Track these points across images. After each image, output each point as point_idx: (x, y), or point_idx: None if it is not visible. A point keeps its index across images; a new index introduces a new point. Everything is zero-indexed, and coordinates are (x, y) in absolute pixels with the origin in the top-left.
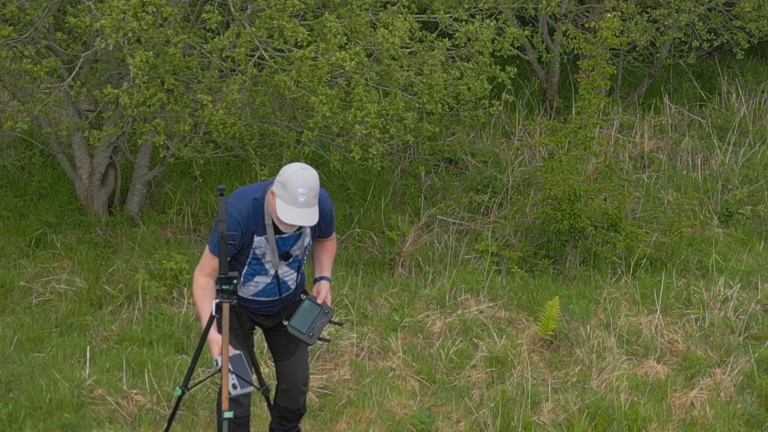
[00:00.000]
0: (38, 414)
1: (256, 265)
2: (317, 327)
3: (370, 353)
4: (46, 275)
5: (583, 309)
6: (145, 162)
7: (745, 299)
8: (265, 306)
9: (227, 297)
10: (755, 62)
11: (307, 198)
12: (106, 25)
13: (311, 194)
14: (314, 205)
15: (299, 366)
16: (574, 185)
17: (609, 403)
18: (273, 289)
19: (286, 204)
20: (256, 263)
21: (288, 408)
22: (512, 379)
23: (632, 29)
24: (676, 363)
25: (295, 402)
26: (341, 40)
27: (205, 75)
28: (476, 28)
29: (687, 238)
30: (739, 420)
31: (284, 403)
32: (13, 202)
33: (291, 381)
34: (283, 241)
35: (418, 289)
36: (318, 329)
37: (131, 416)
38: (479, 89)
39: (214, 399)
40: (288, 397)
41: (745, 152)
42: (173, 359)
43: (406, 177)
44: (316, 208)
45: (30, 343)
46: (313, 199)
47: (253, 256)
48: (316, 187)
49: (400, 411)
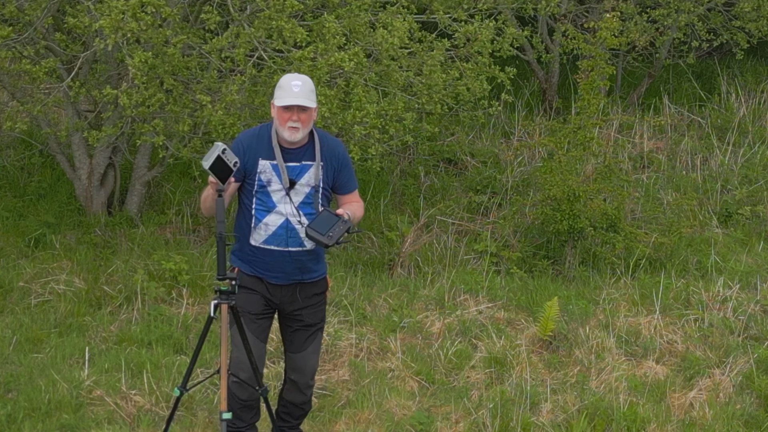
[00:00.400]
0: (37, 415)
1: (262, 195)
2: (336, 231)
3: (369, 354)
4: (45, 276)
5: (582, 309)
6: (144, 162)
7: (744, 300)
8: (277, 263)
9: (225, 298)
10: (755, 62)
11: (301, 89)
12: (105, 26)
13: (306, 87)
14: (310, 97)
15: (311, 358)
16: (574, 186)
17: (608, 403)
18: (283, 235)
19: (282, 95)
20: (262, 192)
21: (293, 401)
22: (511, 379)
23: (632, 29)
24: (675, 363)
25: (302, 395)
26: (340, 41)
27: (205, 75)
28: (475, 29)
29: (686, 238)
30: (738, 421)
31: (290, 396)
32: (13, 202)
33: (300, 373)
34: (290, 169)
35: (417, 290)
36: (336, 234)
37: (130, 417)
38: (478, 90)
39: (213, 400)
40: (295, 389)
41: (744, 152)
42: (172, 360)
43: (405, 177)
44: (313, 101)
45: (29, 344)
46: (309, 93)
47: (258, 183)
48: (309, 83)
49: (399, 412)
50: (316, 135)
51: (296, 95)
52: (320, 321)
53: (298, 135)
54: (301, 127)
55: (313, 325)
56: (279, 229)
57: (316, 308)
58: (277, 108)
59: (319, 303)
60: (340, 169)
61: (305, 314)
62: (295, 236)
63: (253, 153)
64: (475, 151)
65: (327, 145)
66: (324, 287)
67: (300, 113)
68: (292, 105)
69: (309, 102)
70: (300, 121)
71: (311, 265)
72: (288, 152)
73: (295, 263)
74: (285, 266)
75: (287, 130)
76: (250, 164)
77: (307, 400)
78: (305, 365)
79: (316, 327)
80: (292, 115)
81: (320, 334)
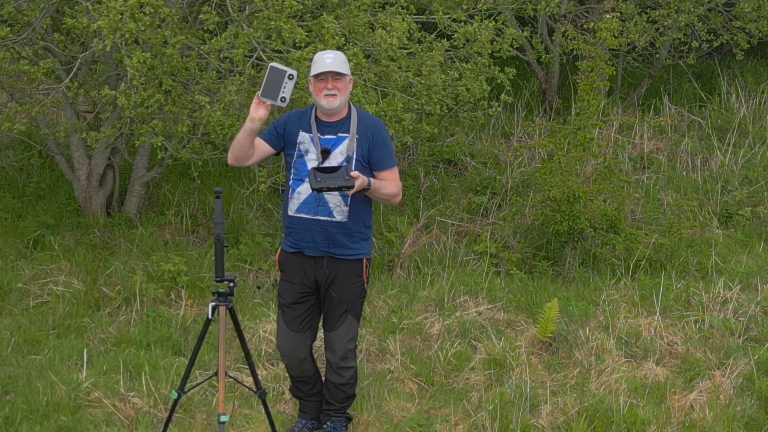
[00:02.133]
0: (35, 417)
1: (299, 165)
2: (330, 181)
3: (369, 355)
4: (44, 277)
5: (582, 311)
6: (143, 163)
7: (744, 301)
8: (307, 231)
9: (223, 300)
10: (755, 63)
11: (334, 60)
12: (104, 26)
13: (338, 58)
14: (343, 67)
15: (341, 338)
16: (574, 186)
17: (608, 405)
18: (312, 203)
19: (316, 67)
20: (299, 162)
21: (332, 381)
22: (511, 381)
23: (631, 30)
24: (675, 365)
25: (337, 375)
26: (339, 41)
27: (203, 76)
28: (475, 29)
29: (686, 239)
30: (738, 422)
31: (328, 375)
32: (11, 203)
33: (332, 352)
34: (325, 141)
35: (416, 291)
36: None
37: (128, 419)
38: (478, 90)
39: (211, 402)
40: (330, 369)
41: (744, 153)
42: (171, 361)
43: (405, 178)
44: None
45: (27, 345)
46: (341, 63)
47: (297, 153)
48: (341, 55)
49: (399, 413)
50: (354, 109)
51: (329, 65)
52: (352, 302)
53: (335, 102)
54: (338, 94)
55: (343, 302)
56: (309, 197)
57: (348, 287)
58: (312, 80)
59: (352, 283)
60: (375, 145)
61: (335, 290)
62: (324, 205)
63: (295, 126)
64: (474, 151)
65: (364, 120)
66: (359, 270)
67: (334, 81)
68: (325, 72)
69: (342, 68)
70: (336, 89)
71: (342, 239)
72: (325, 125)
73: (323, 233)
74: (315, 235)
75: (324, 99)
76: (291, 135)
77: (346, 382)
78: (335, 344)
79: (346, 307)
80: (326, 83)
81: (352, 317)
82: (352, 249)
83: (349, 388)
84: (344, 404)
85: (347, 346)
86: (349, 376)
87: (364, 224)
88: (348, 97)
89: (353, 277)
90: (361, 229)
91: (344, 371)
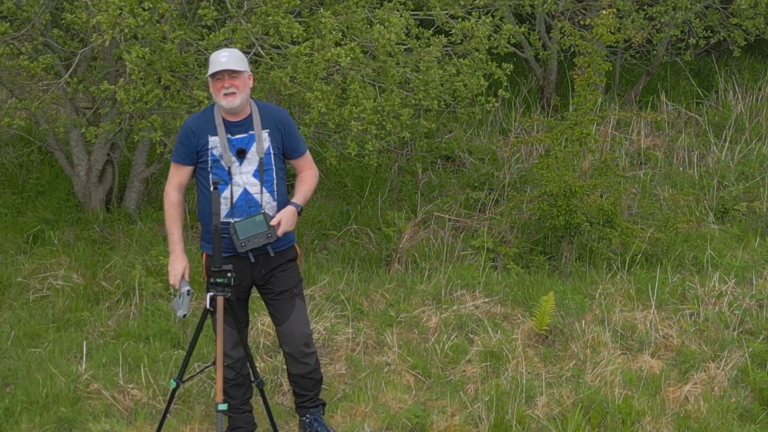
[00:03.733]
0: (35, 408)
1: (217, 170)
2: (252, 242)
3: (366, 348)
4: (44, 271)
5: (578, 304)
6: (142, 159)
7: (739, 294)
8: None
9: (221, 290)
10: (752, 60)
11: (228, 58)
12: (103, 21)
13: (233, 56)
14: (238, 64)
15: (297, 325)
16: (570, 181)
17: (603, 397)
18: (243, 206)
19: (211, 67)
20: (216, 167)
21: (297, 373)
22: (507, 373)
23: (629, 26)
24: (670, 357)
25: (302, 365)
26: (337, 36)
27: (202, 71)
28: (472, 25)
29: (682, 234)
30: (732, 414)
31: (292, 369)
32: (11, 199)
33: (292, 343)
34: (237, 141)
35: (414, 285)
36: (251, 244)
37: (127, 410)
38: (475, 86)
39: (209, 393)
40: (293, 361)
41: (741, 149)
42: (169, 354)
43: (402, 174)
44: (242, 66)
45: (27, 339)
46: (237, 60)
47: (212, 158)
48: (237, 52)
49: (395, 405)
50: (254, 105)
51: (223, 63)
52: (294, 286)
53: (236, 100)
54: (237, 92)
55: (286, 290)
56: (239, 200)
57: (286, 273)
58: (210, 80)
59: (289, 269)
60: (287, 136)
61: (274, 282)
62: (256, 206)
63: (202, 132)
64: (472, 148)
65: (268, 113)
66: (293, 255)
67: (231, 79)
68: (221, 71)
69: (237, 66)
70: (234, 86)
71: None
72: (233, 125)
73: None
74: None
75: (223, 99)
76: (201, 144)
77: (312, 369)
78: (293, 333)
79: (290, 293)
80: (223, 82)
81: (299, 300)
82: (282, 240)
83: (316, 373)
84: (316, 390)
85: (305, 330)
86: (314, 362)
87: None
88: (248, 94)
89: (289, 263)
90: None
91: (308, 358)
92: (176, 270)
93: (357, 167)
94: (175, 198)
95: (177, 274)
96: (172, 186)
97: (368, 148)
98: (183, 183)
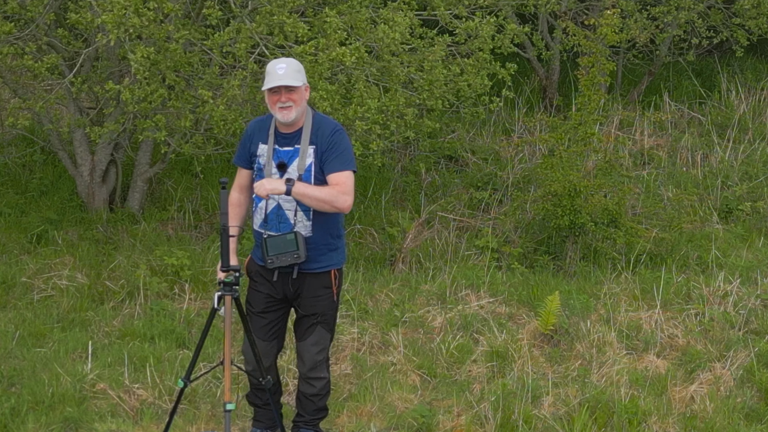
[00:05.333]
0: (41, 408)
1: (260, 178)
2: (281, 260)
3: (371, 348)
4: (48, 271)
5: (584, 304)
6: (146, 159)
7: (744, 294)
8: None
9: (229, 290)
10: (754, 60)
11: (286, 71)
12: (108, 21)
13: (290, 68)
14: (296, 77)
15: (309, 350)
16: (575, 181)
17: (609, 396)
18: (274, 220)
19: (268, 80)
20: (259, 176)
21: (304, 392)
22: (513, 373)
23: (632, 26)
24: (675, 357)
25: (307, 385)
26: (341, 36)
27: (206, 71)
28: (476, 25)
29: (687, 234)
30: (738, 414)
31: (301, 386)
32: (15, 199)
33: (301, 362)
34: (283, 153)
35: (418, 285)
36: (279, 262)
37: (133, 410)
38: (479, 85)
39: (216, 394)
40: (301, 379)
41: (744, 149)
42: (175, 354)
43: (406, 174)
44: (300, 80)
45: (32, 338)
46: (294, 73)
47: (257, 165)
48: (295, 63)
49: (401, 405)
50: (310, 118)
51: (281, 77)
52: (320, 314)
53: (291, 114)
54: (293, 105)
55: (311, 315)
56: (270, 213)
57: (317, 300)
58: (266, 92)
59: (321, 296)
60: (326, 150)
61: (303, 304)
62: (286, 222)
63: (256, 138)
64: (475, 148)
65: (320, 127)
66: (327, 282)
67: (288, 93)
68: (278, 86)
69: (294, 81)
70: (291, 101)
71: (309, 254)
72: (283, 136)
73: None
74: None
75: (279, 112)
76: (253, 149)
77: (317, 393)
78: (304, 355)
79: (315, 318)
80: (280, 96)
81: (321, 328)
82: (318, 262)
83: (320, 399)
84: (315, 417)
85: (316, 357)
86: (320, 387)
87: (332, 235)
88: (305, 107)
89: (321, 289)
90: (328, 240)
91: (315, 381)
92: None
93: (360, 167)
94: (234, 198)
95: None
96: (234, 186)
97: (373, 147)
98: (243, 185)
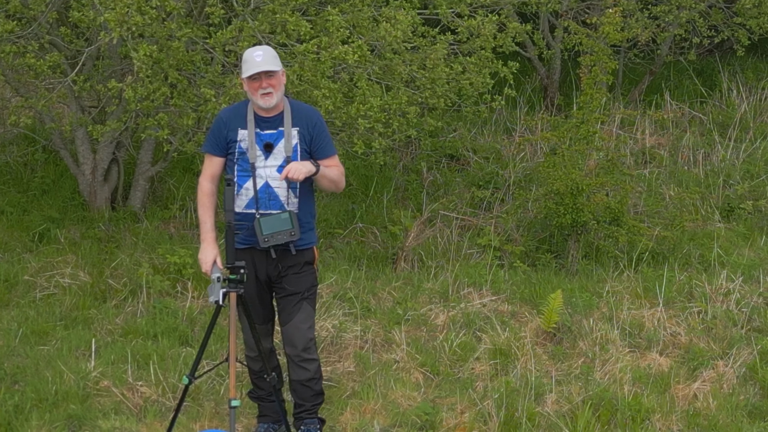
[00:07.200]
0: (44, 405)
1: (243, 162)
2: (275, 238)
3: (374, 346)
4: (50, 269)
5: (586, 302)
6: (147, 158)
7: (747, 292)
8: None
9: (234, 286)
10: (755, 59)
11: (264, 57)
12: (110, 19)
13: (267, 55)
14: (273, 62)
15: (299, 328)
16: (577, 179)
17: (612, 394)
18: (263, 198)
19: (247, 68)
20: (242, 159)
21: (296, 378)
22: (516, 371)
23: (633, 26)
24: (678, 355)
25: (301, 369)
26: (344, 34)
27: (209, 69)
28: (478, 23)
29: (689, 232)
30: (741, 411)
31: (293, 374)
32: (17, 197)
33: (291, 345)
34: (266, 136)
35: (420, 283)
36: (274, 240)
37: (137, 407)
38: (481, 84)
39: (219, 391)
40: (293, 365)
41: (746, 148)
42: (178, 351)
43: (408, 173)
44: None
45: (35, 336)
46: (272, 58)
47: (239, 150)
48: (270, 50)
49: (405, 402)
50: (287, 103)
51: (260, 64)
52: (305, 290)
53: (272, 100)
54: (273, 91)
55: (297, 293)
56: (259, 192)
57: (300, 276)
58: (245, 80)
59: (303, 272)
60: (315, 135)
61: (289, 282)
62: (275, 198)
63: (233, 125)
64: (477, 147)
65: (300, 112)
66: (310, 257)
67: (268, 79)
68: (258, 73)
69: (274, 66)
70: (271, 86)
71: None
72: (265, 120)
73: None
74: None
75: (260, 98)
76: (230, 136)
77: (312, 377)
78: (294, 336)
79: (301, 296)
80: (261, 83)
81: (307, 305)
82: (302, 239)
83: (316, 383)
84: (314, 403)
85: (307, 335)
86: (314, 370)
87: (311, 214)
88: (283, 91)
89: (305, 265)
90: (308, 219)
91: (308, 363)
92: (207, 258)
93: (362, 166)
94: (207, 188)
95: (208, 262)
96: (205, 176)
97: (375, 146)
98: (215, 174)
